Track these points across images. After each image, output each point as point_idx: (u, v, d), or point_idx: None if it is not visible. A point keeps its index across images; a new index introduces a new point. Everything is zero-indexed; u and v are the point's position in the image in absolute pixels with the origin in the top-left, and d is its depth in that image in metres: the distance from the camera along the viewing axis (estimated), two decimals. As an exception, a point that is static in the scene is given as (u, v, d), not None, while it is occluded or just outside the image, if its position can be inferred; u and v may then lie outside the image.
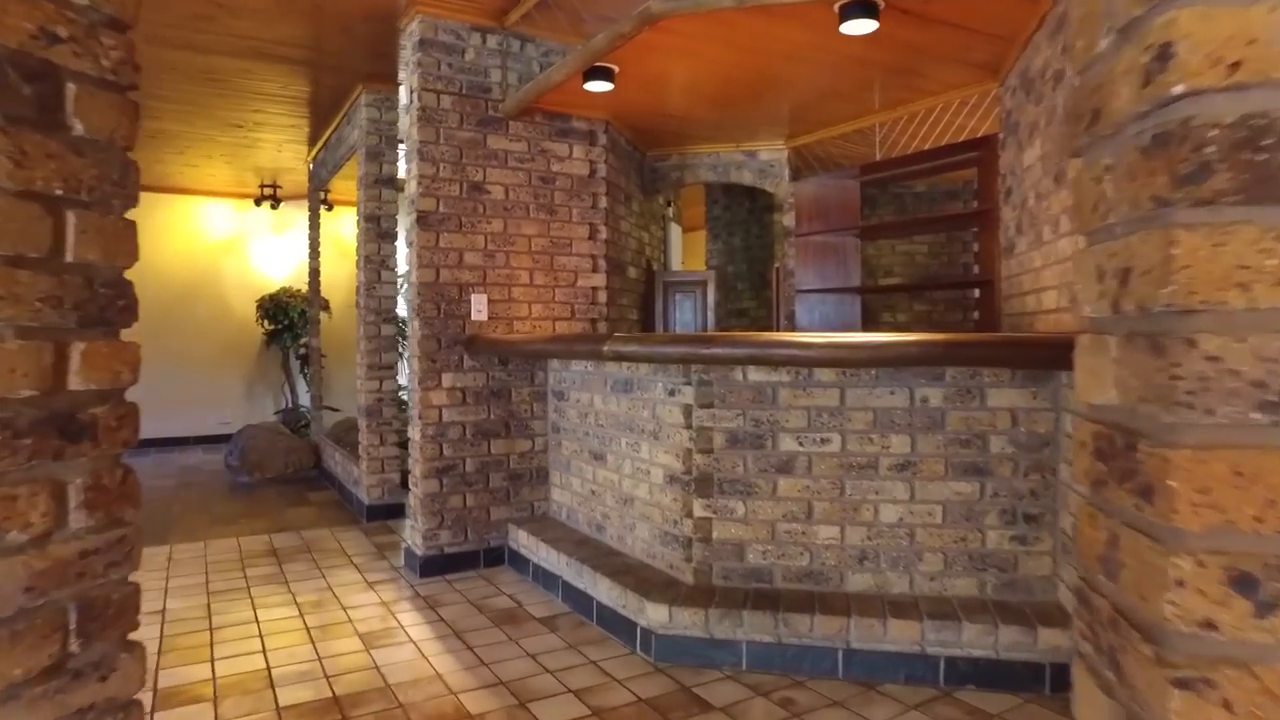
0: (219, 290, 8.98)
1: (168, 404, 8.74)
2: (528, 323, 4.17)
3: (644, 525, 3.32)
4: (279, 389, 9.15)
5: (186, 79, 5.13)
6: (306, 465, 6.78)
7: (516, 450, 4.13)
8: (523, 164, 4.13)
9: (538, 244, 4.19)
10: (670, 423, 3.11)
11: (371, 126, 5.10)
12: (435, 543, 3.95)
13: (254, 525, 5.07)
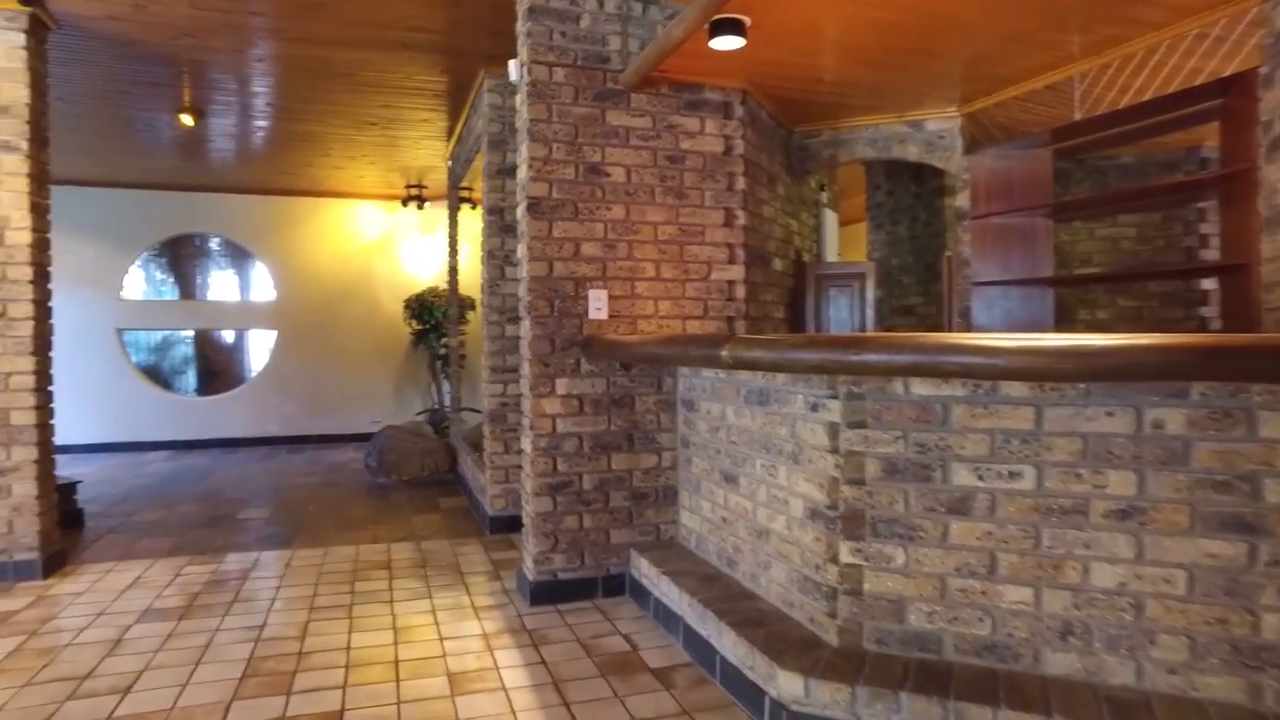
0: (371, 291, 9.15)
1: (324, 402, 8.99)
2: (653, 321, 3.69)
3: (780, 565, 2.74)
4: (426, 389, 9.21)
5: (313, 75, 5.05)
6: (442, 468, 6.64)
7: (640, 466, 3.66)
8: (646, 142, 3.65)
9: (665, 232, 3.69)
10: (812, 444, 2.53)
11: (494, 113, 4.80)
12: (548, 567, 3.55)
13: (377, 532, 4.90)
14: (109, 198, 8.44)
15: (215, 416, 8.78)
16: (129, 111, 5.84)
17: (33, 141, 4.05)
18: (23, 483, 4.02)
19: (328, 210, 9.03)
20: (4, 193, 3.99)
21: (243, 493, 6.28)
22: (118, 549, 4.58)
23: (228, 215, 8.79)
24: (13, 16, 3.96)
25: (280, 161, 7.43)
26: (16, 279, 4.02)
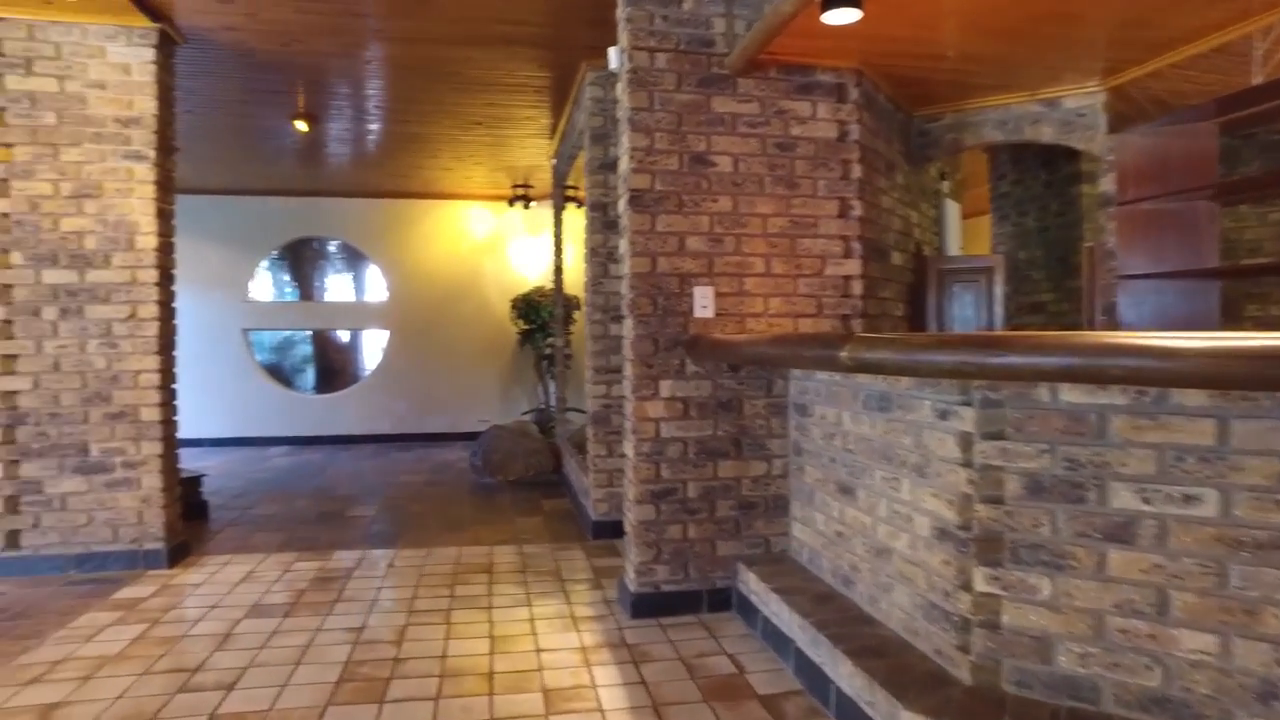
0: (479, 291, 9.26)
1: (434, 401, 9.15)
2: (763, 320, 3.47)
3: (904, 589, 2.48)
4: (532, 389, 9.24)
5: (418, 75, 5.07)
6: (547, 469, 6.60)
7: (749, 474, 3.45)
8: (754, 129, 3.43)
9: (775, 225, 3.47)
10: (941, 456, 2.26)
11: (595, 107, 4.68)
12: (650, 579, 3.38)
13: (479, 534, 4.88)
14: (236, 205, 8.86)
15: (331, 413, 9.08)
16: (250, 120, 6.05)
17: (160, 150, 4.20)
18: (150, 476, 4.17)
19: (438, 212, 9.19)
20: (134, 200, 4.15)
21: (353, 490, 6.42)
22: (235, 542, 4.72)
23: (343, 218, 9.08)
24: (144, 34, 4.11)
25: (391, 164, 7.59)
26: (144, 281, 4.17)
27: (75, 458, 4.14)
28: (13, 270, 4.10)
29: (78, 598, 3.75)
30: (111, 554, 4.15)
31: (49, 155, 4.11)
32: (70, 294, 4.13)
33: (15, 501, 4.11)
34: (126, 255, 4.15)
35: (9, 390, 4.10)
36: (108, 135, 4.13)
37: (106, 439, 4.15)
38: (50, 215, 4.12)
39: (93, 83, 4.11)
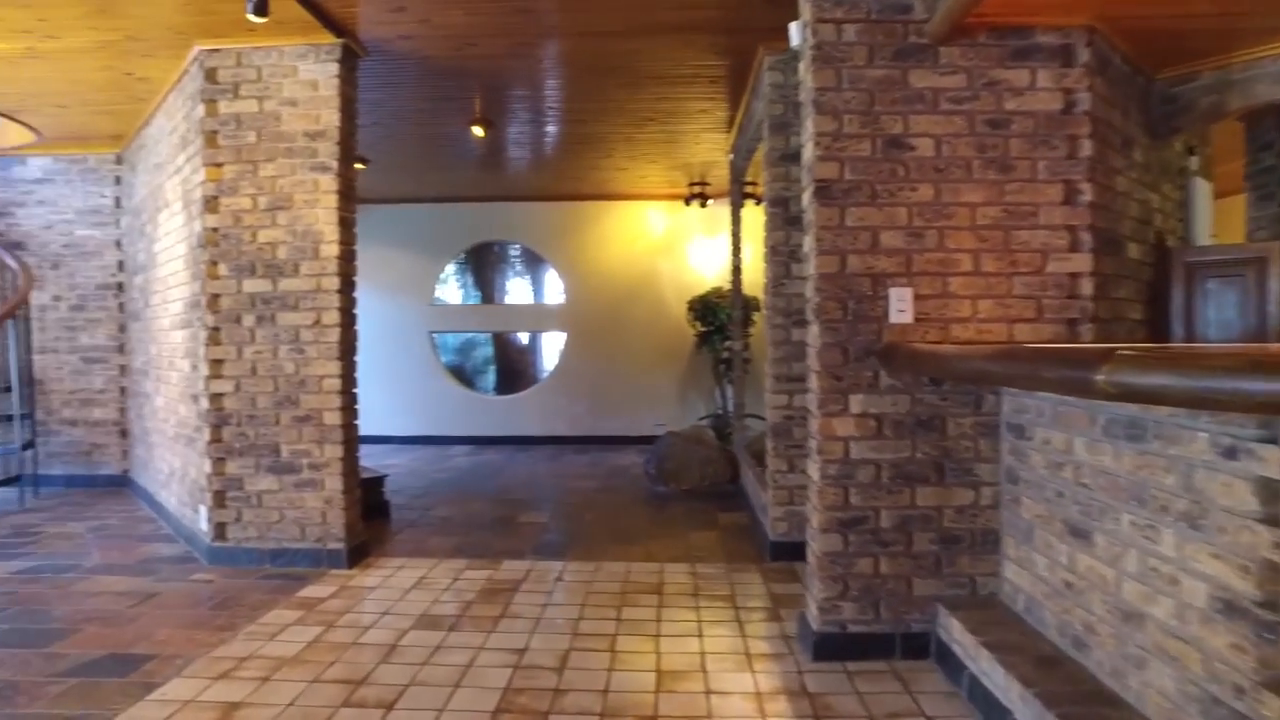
0: (656, 292, 9.12)
1: (610, 403, 9.11)
2: (970, 326, 2.99)
3: (1165, 669, 1.97)
4: (709, 393, 8.98)
5: (589, 72, 4.95)
6: (723, 479, 6.31)
7: (952, 502, 2.98)
8: (960, 105, 2.96)
9: (985, 215, 2.98)
10: (1227, 506, 1.74)
11: (775, 94, 4.32)
12: (835, 617, 3.00)
13: (651, 548, 4.66)
14: (422, 213, 9.25)
15: (510, 415, 9.27)
16: (431, 129, 6.20)
17: (342, 161, 4.31)
18: (332, 478, 4.29)
19: (613, 213, 9.15)
20: (319, 209, 4.28)
21: (527, 494, 6.43)
22: (411, 544, 4.79)
23: (522, 222, 9.25)
24: (330, 49, 4.23)
25: (567, 166, 7.59)
26: (328, 289, 4.29)
27: (269, 458, 4.33)
28: (220, 280, 4.35)
29: (268, 592, 3.89)
30: (299, 551, 4.30)
31: (249, 172, 4.32)
32: (265, 302, 4.32)
33: (222, 496, 4.36)
34: (312, 264, 4.29)
35: (217, 393, 4.35)
36: (297, 149, 4.28)
37: (295, 441, 4.31)
38: (249, 228, 4.33)
39: (286, 100, 4.28)
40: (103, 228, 6.71)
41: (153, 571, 4.28)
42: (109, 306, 6.71)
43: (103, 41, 4.32)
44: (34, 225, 6.77)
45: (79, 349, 6.76)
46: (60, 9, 3.92)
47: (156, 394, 5.60)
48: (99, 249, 6.72)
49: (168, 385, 5.26)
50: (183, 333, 4.86)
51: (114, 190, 6.70)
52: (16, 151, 6.64)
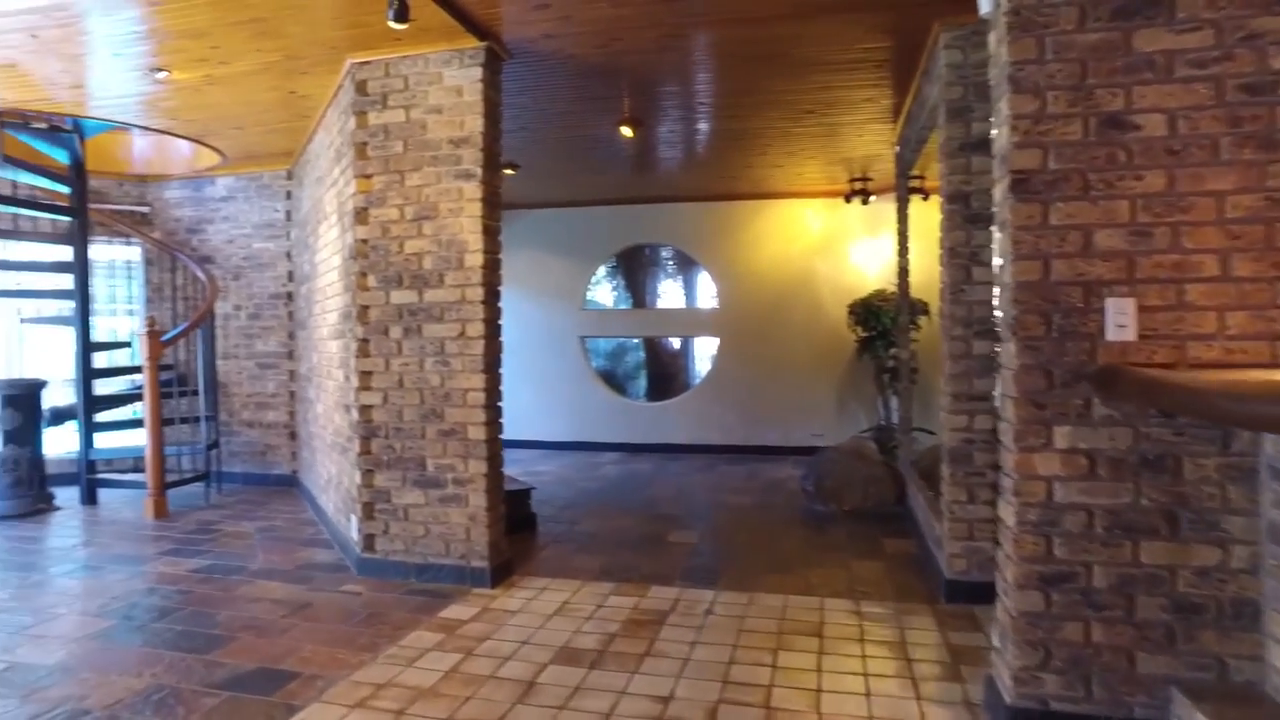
0: (813, 295, 8.62)
1: (764, 412, 8.71)
2: (1216, 344, 2.41)
3: None
4: (871, 403, 8.38)
5: (742, 62, 4.59)
6: (888, 500, 5.78)
7: (1190, 562, 2.41)
8: (1204, 69, 2.38)
9: (1238, 206, 2.39)
10: None
11: (952, 75, 3.79)
12: (1034, 690, 2.51)
13: (810, 579, 4.25)
14: (572, 216, 9.21)
15: (661, 422, 9.05)
16: (580, 131, 6.05)
17: (486, 167, 4.19)
18: (476, 494, 4.18)
19: (768, 212, 8.73)
20: (464, 218, 4.19)
21: (677, 509, 6.16)
22: (556, 563, 4.62)
23: (673, 224, 9.00)
24: (473, 54, 4.12)
25: (720, 165, 7.27)
26: (472, 300, 4.19)
27: (415, 471, 4.28)
28: (369, 292, 4.35)
29: (411, 610, 3.82)
30: (444, 567, 4.23)
31: (397, 182, 4.30)
32: (411, 313, 4.28)
33: (371, 508, 4.36)
34: (457, 274, 4.20)
35: (366, 404, 4.36)
36: (442, 157, 4.20)
37: (440, 455, 4.24)
38: (397, 239, 4.30)
39: (431, 108, 4.21)
40: (275, 240, 7.06)
41: (308, 579, 4.34)
42: (280, 315, 7.05)
43: (267, 63, 4.43)
44: (220, 240, 7.22)
45: (255, 355, 7.15)
46: (228, 35, 4.03)
47: (317, 401, 5.77)
48: (272, 260, 7.07)
49: (326, 393, 5.39)
50: (337, 343, 4.94)
51: (285, 205, 7.03)
52: (208, 173, 7.11)
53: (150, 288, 7.38)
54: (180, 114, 5.40)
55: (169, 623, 3.70)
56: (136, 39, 4.12)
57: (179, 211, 7.34)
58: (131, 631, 3.61)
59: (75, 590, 4.24)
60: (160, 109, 5.29)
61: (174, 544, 5.13)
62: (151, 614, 3.83)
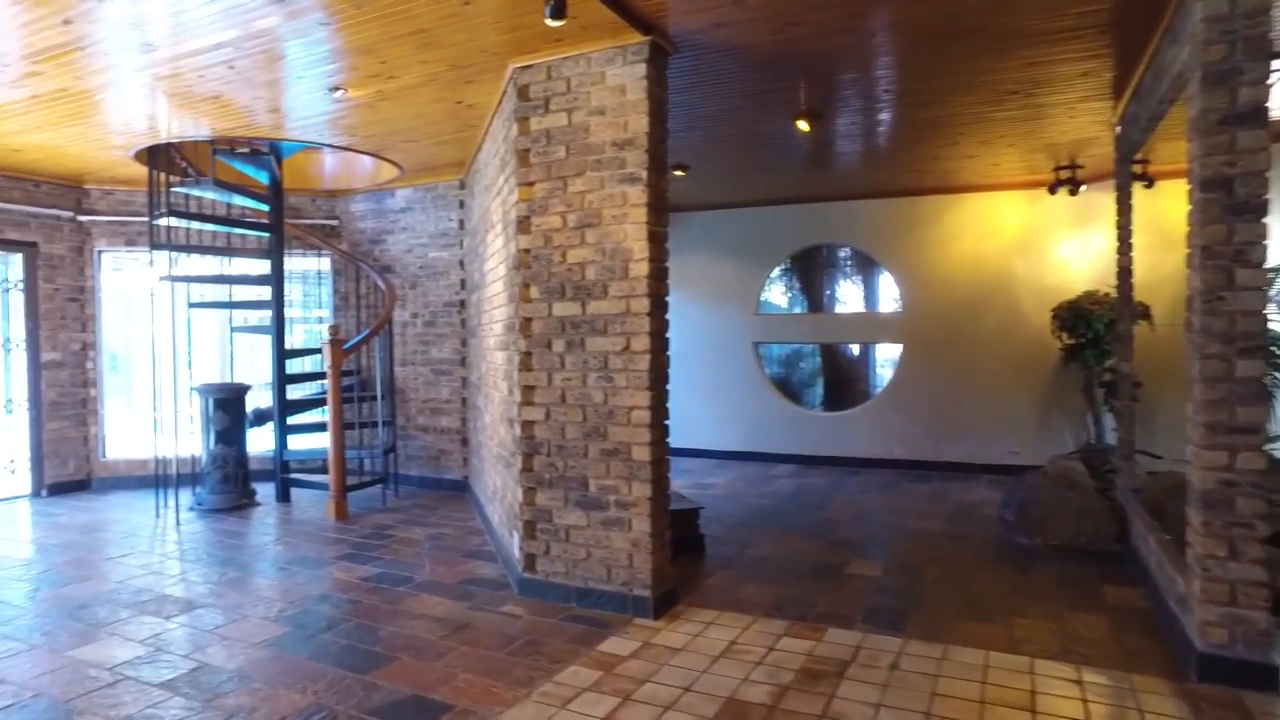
0: (1009, 297, 7.77)
1: (953, 425, 7.98)
2: None
3: None
4: (1079, 419, 7.42)
5: (933, 42, 4.06)
6: (1105, 537, 5.01)
7: None
8: None
9: None
10: None
11: (1213, 30, 3.08)
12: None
13: (1015, 631, 3.67)
14: (744, 217, 8.83)
15: (838, 433, 8.49)
16: (752, 127, 5.69)
17: (651, 170, 3.93)
18: (640, 519, 3.94)
19: (958, 207, 7.95)
20: (628, 225, 3.95)
21: (857, 533, 5.65)
22: (724, 593, 4.29)
23: (852, 223, 8.41)
24: (637, 49, 3.88)
25: (904, 158, 6.66)
26: (637, 312, 3.94)
27: (577, 491, 4.10)
28: (532, 304, 4.22)
29: (569, 640, 3.63)
30: (605, 594, 4.01)
31: (559, 189, 4.13)
32: (574, 326, 4.10)
33: (532, 527, 4.23)
34: (621, 284, 3.97)
35: (528, 420, 4.23)
36: (605, 161, 3.99)
37: (602, 475, 4.03)
38: (559, 248, 4.14)
39: (594, 110, 4.01)
40: (449, 249, 7.20)
41: (470, 596, 4.27)
42: (453, 322, 7.18)
43: (432, 74, 4.41)
44: (398, 249, 7.47)
45: (430, 361, 7.33)
46: (394, 48, 4.02)
47: (485, 410, 5.77)
48: (446, 269, 7.22)
49: (492, 404, 5.36)
50: (502, 354, 4.87)
51: (458, 214, 7.15)
52: (388, 185, 7.38)
53: (338, 296, 7.77)
54: (358, 130, 5.56)
55: (335, 635, 3.72)
56: (316, 61, 4.22)
57: (363, 223, 7.67)
58: (301, 641, 3.65)
59: (260, 590, 4.40)
60: (341, 126, 5.46)
61: (350, 548, 5.27)
62: (321, 624, 3.87)
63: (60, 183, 7.26)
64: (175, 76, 4.43)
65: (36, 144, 5.94)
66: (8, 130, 5.58)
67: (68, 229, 7.37)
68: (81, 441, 7.48)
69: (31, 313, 7.23)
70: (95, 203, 7.47)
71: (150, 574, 4.75)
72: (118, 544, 5.45)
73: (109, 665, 3.41)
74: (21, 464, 7.21)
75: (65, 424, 7.37)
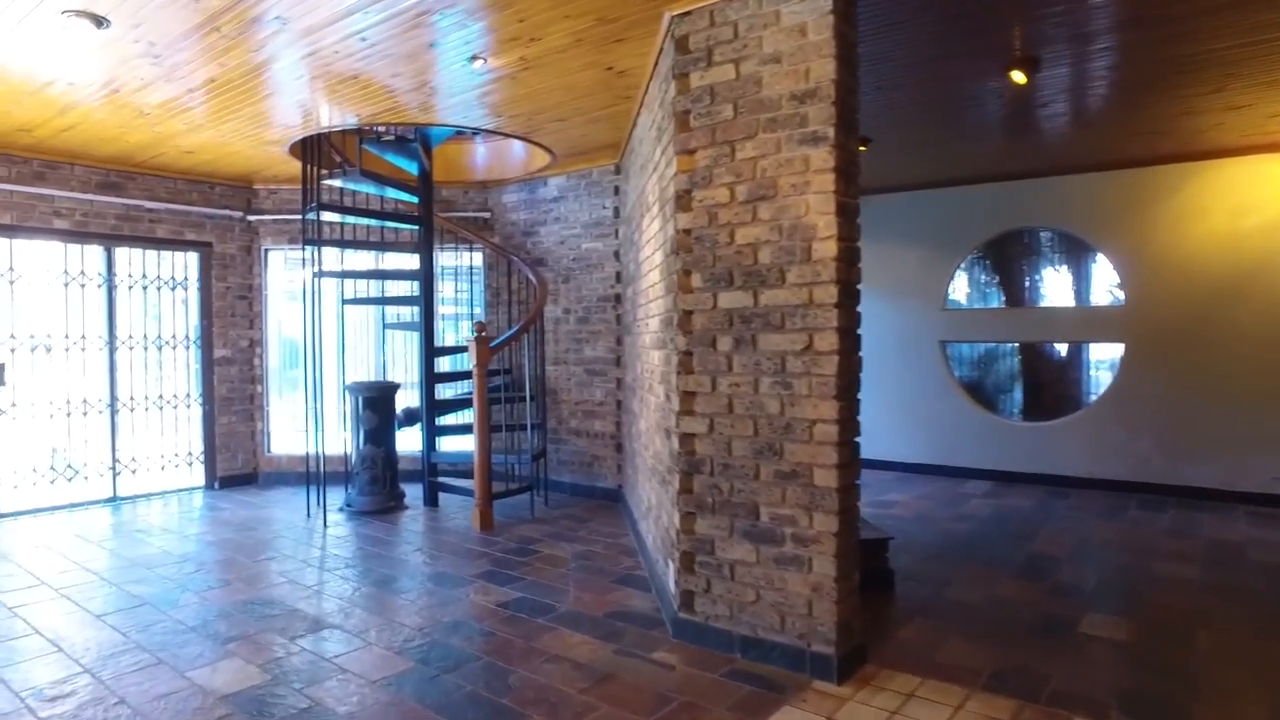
0: (1271, 287, 6.31)
1: (1193, 442, 6.62)
2: None
3: None
4: (1373, 435, 5.90)
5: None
6: None
7: None
8: None
9: None
10: None
11: None
12: None
13: (1365, 752, 2.63)
14: (933, 199, 7.78)
15: (1042, 447, 7.28)
16: (944, 85, 4.78)
17: (840, 128, 3.17)
18: (822, 559, 3.19)
19: (1204, 177, 6.56)
20: (810, 195, 3.21)
21: (1083, 575, 4.60)
22: (923, 651, 3.45)
23: (1062, 202, 7.17)
24: (824, -21, 3.13)
25: (1135, 117, 5.45)
26: (822, 302, 3.20)
27: (745, 520, 3.40)
28: (693, 294, 3.57)
29: (732, 708, 2.95)
30: (776, 646, 3.29)
31: (725, 156, 3.45)
32: (743, 320, 3.41)
33: (691, 559, 3.58)
34: (802, 269, 3.23)
35: (688, 432, 3.58)
36: (782, 119, 3.26)
37: (776, 503, 3.31)
38: (726, 226, 3.46)
39: (767, 58, 3.29)
40: (604, 239, 6.68)
41: (617, 635, 3.67)
42: (608, 319, 6.66)
43: (577, 33, 3.86)
44: (551, 241, 7.05)
45: (583, 360, 6.85)
46: (533, 1, 3.49)
47: (640, 416, 5.18)
48: (600, 261, 6.71)
49: (647, 409, 4.76)
50: (658, 353, 4.25)
51: (613, 201, 6.62)
52: (540, 174, 6.98)
53: (489, 292, 7.46)
54: (504, 109, 5.12)
55: (461, 677, 3.22)
56: (450, 27, 3.78)
57: (515, 215, 7.31)
58: (424, 683, 3.17)
59: (391, 611, 4.01)
60: (486, 105, 5.04)
61: (492, 564, 4.84)
62: (448, 661, 3.39)
63: (232, 184, 7.38)
64: (313, 55, 4.13)
65: (202, 143, 5.95)
66: (175, 130, 5.59)
67: (238, 228, 7.48)
68: (249, 436, 7.58)
69: (205, 310, 7.39)
70: (262, 202, 7.55)
71: (288, 582, 4.50)
72: (265, 546, 5.30)
73: (224, 693, 3.08)
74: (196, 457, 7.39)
75: (234, 419, 7.49)
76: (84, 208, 6.54)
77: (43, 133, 5.69)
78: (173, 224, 7.06)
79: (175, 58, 4.17)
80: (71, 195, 6.46)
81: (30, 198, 6.27)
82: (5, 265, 6.29)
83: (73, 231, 6.51)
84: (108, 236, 6.71)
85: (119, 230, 6.74)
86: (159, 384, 7.16)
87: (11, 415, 6.33)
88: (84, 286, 6.68)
